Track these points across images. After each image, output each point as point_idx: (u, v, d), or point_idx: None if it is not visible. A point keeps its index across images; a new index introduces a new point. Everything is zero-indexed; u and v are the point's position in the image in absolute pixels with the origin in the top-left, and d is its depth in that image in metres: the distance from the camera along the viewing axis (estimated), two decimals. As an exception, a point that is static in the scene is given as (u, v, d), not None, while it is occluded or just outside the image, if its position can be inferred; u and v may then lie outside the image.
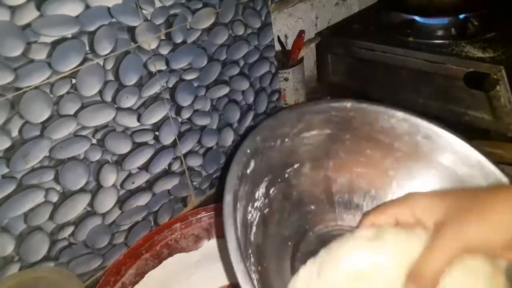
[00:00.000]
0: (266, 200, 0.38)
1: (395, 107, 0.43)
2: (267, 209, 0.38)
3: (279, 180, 0.40)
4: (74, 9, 0.43)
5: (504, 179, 0.40)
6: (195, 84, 0.58)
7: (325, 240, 0.37)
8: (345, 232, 0.36)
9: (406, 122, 0.43)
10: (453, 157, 0.42)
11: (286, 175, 0.41)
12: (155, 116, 0.54)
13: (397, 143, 0.43)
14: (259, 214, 0.37)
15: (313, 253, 0.36)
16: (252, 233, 0.35)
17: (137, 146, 0.53)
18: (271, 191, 0.39)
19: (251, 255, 0.33)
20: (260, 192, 0.37)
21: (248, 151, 0.35)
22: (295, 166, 0.42)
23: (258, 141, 0.37)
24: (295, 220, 0.42)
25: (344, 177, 0.45)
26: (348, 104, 0.43)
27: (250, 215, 0.35)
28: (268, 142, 0.38)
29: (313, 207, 0.43)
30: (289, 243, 0.40)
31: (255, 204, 0.36)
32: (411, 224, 0.34)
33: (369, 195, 0.45)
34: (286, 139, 0.40)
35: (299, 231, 0.42)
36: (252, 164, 0.35)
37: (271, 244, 0.38)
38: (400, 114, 0.43)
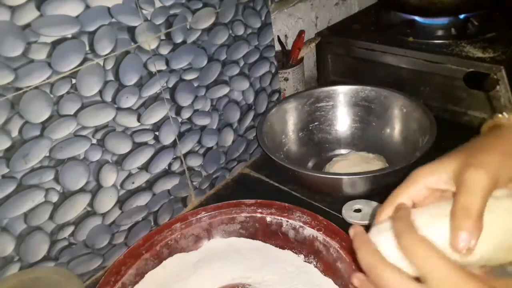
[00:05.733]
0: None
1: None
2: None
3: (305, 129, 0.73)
4: (74, 9, 0.43)
5: None
6: (195, 84, 0.58)
7: (330, 158, 0.69)
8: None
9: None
10: None
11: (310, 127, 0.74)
12: (155, 116, 0.54)
13: (373, 105, 0.71)
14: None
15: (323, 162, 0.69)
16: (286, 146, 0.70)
17: (137, 146, 0.53)
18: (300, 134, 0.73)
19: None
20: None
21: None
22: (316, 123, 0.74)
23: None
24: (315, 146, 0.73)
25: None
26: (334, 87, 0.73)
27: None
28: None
29: (327, 145, 0.73)
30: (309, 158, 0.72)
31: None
32: (430, 198, 0.33)
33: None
34: (305, 106, 0.72)
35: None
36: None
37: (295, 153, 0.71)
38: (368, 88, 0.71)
